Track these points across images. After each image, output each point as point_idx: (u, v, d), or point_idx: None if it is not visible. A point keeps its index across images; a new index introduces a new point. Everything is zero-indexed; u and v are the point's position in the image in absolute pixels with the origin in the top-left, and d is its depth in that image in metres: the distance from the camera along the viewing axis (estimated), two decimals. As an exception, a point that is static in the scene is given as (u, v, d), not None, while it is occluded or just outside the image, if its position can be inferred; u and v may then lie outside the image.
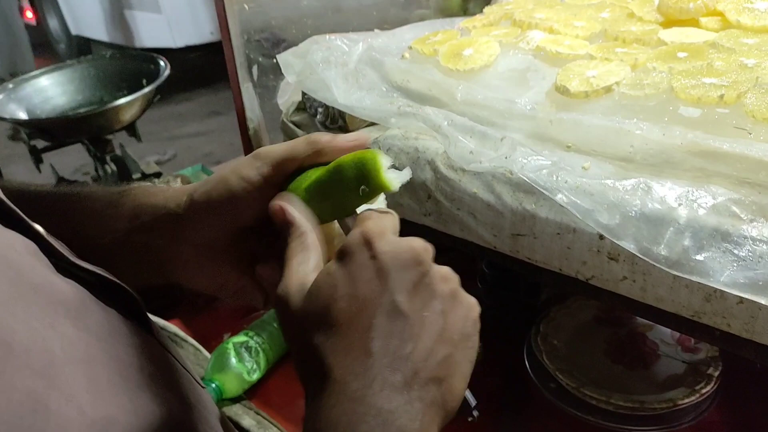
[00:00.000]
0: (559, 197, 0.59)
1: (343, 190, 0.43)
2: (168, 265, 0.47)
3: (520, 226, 0.67)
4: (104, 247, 0.46)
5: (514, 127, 0.71)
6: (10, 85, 1.71)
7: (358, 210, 0.43)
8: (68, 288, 0.35)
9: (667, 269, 0.54)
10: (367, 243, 0.37)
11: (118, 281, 0.41)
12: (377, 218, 0.40)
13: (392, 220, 0.41)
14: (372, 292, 0.35)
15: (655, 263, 0.55)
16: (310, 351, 0.36)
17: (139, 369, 0.37)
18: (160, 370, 0.40)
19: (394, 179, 0.41)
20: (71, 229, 0.45)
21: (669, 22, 0.83)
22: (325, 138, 0.45)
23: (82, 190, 0.50)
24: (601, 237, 0.61)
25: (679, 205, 0.56)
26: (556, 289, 0.98)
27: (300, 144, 0.45)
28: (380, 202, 0.45)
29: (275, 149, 0.45)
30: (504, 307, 0.99)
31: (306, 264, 0.39)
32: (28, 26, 5.11)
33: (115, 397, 0.33)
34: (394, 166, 0.41)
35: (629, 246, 0.56)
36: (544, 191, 0.60)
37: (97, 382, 0.33)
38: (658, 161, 0.61)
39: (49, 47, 4.89)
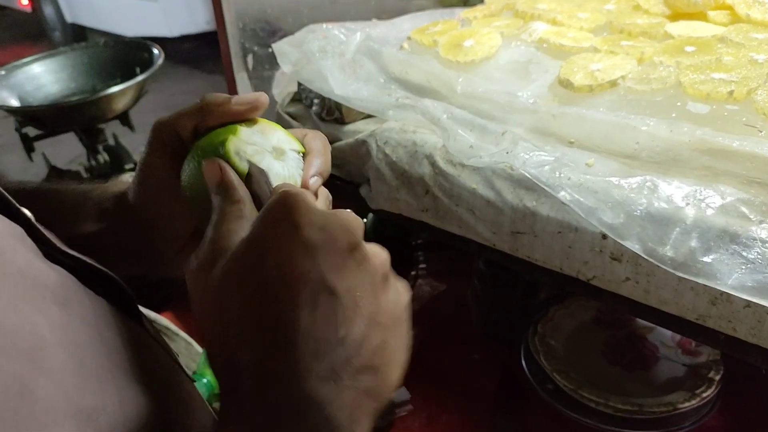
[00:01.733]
0: (562, 194, 0.57)
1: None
2: (143, 255, 0.46)
3: (520, 224, 0.65)
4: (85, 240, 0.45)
5: (515, 121, 0.69)
6: (2, 72, 1.68)
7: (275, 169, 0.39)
8: (55, 274, 0.33)
9: (673, 271, 0.52)
10: (289, 210, 0.31)
11: (107, 271, 0.39)
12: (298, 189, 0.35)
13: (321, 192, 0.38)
14: (296, 268, 0.30)
15: (660, 264, 0.53)
16: (224, 337, 0.32)
17: (127, 359, 0.35)
18: (149, 361, 0.39)
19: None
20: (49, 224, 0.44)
21: (676, 15, 0.81)
22: (219, 99, 0.41)
23: (52, 187, 0.49)
24: (604, 236, 0.59)
25: (686, 204, 0.54)
26: (555, 289, 0.96)
27: (191, 108, 0.41)
28: (293, 160, 0.41)
29: (165, 121, 0.42)
30: (501, 306, 0.97)
31: (238, 234, 0.33)
32: (23, 14, 5.07)
33: (103, 384, 0.32)
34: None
35: (634, 246, 0.54)
36: (546, 188, 0.58)
37: (85, 368, 0.31)
38: (665, 158, 0.59)
39: (44, 35, 4.85)
